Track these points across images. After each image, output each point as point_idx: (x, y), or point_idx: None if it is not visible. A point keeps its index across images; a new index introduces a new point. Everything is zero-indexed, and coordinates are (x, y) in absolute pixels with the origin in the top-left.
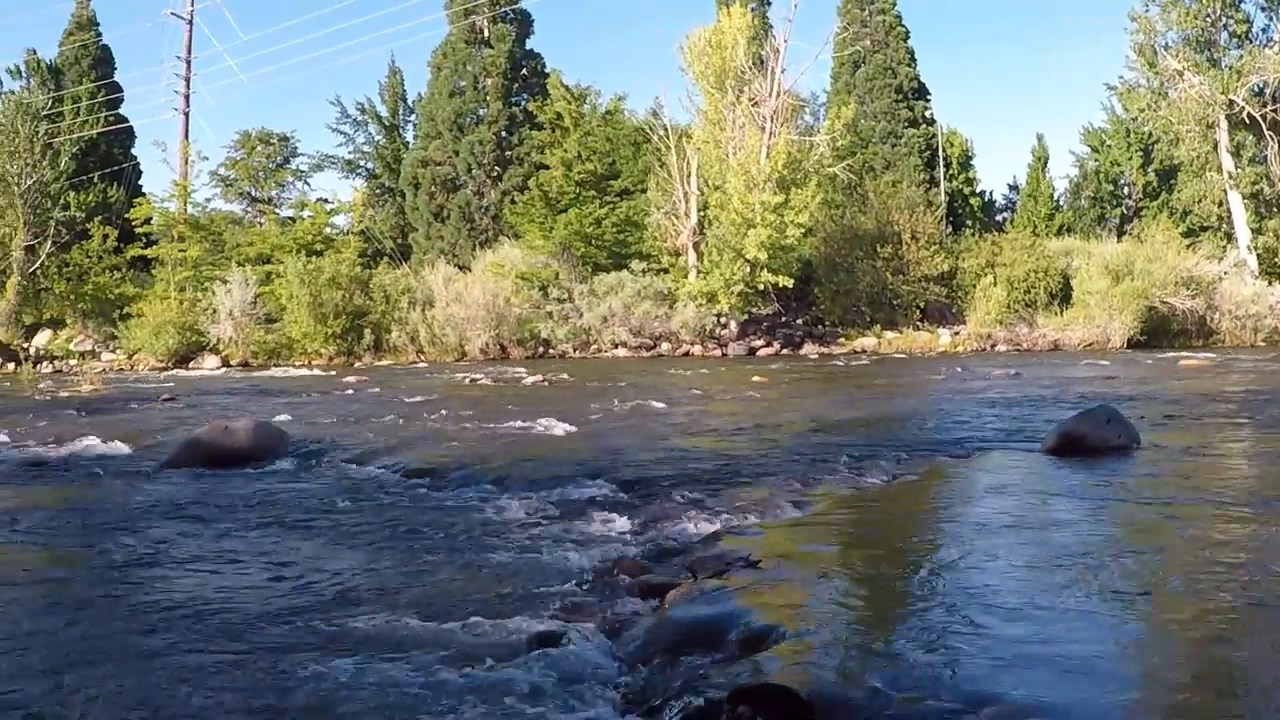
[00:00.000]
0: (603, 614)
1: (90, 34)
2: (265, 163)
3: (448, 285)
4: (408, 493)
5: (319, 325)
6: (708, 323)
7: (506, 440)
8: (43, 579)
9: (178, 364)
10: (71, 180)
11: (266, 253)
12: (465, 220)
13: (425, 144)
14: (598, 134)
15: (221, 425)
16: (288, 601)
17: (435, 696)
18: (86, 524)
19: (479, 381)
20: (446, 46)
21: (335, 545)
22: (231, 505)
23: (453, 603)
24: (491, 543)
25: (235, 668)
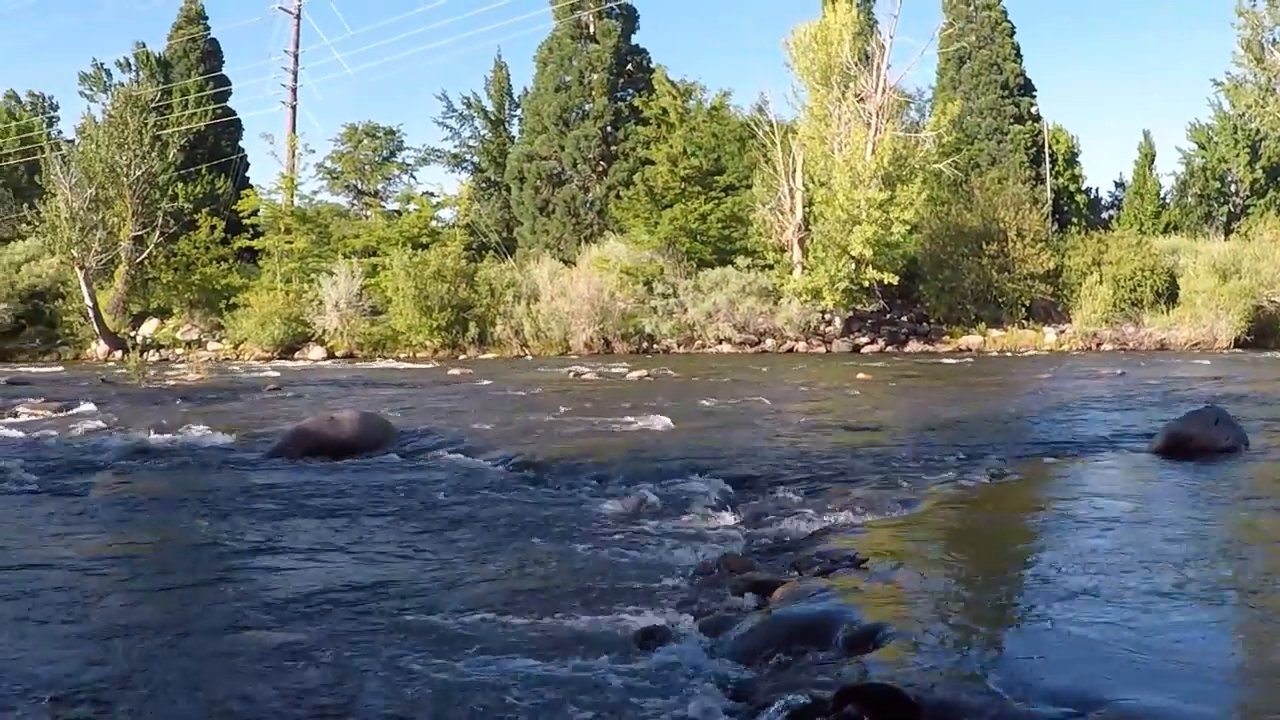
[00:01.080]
0: (709, 610)
1: (199, 28)
2: (371, 156)
3: (553, 279)
4: (513, 486)
5: (424, 318)
6: (812, 319)
7: (611, 435)
8: (147, 565)
9: (283, 354)
10: (180, 172)
11: (372, 245)
12: (570, 215)
13: (531, 139)
14: (703, 129)
15: (327, 416)
16: (391, 593)
17: (541, 690)
18: (191, 511)
19: (583, 376)
20: (552, 41)
21: (440, 537)
22: (336, 495)
23: (558, 597)
24: (597, 537)
25: (337, 658)
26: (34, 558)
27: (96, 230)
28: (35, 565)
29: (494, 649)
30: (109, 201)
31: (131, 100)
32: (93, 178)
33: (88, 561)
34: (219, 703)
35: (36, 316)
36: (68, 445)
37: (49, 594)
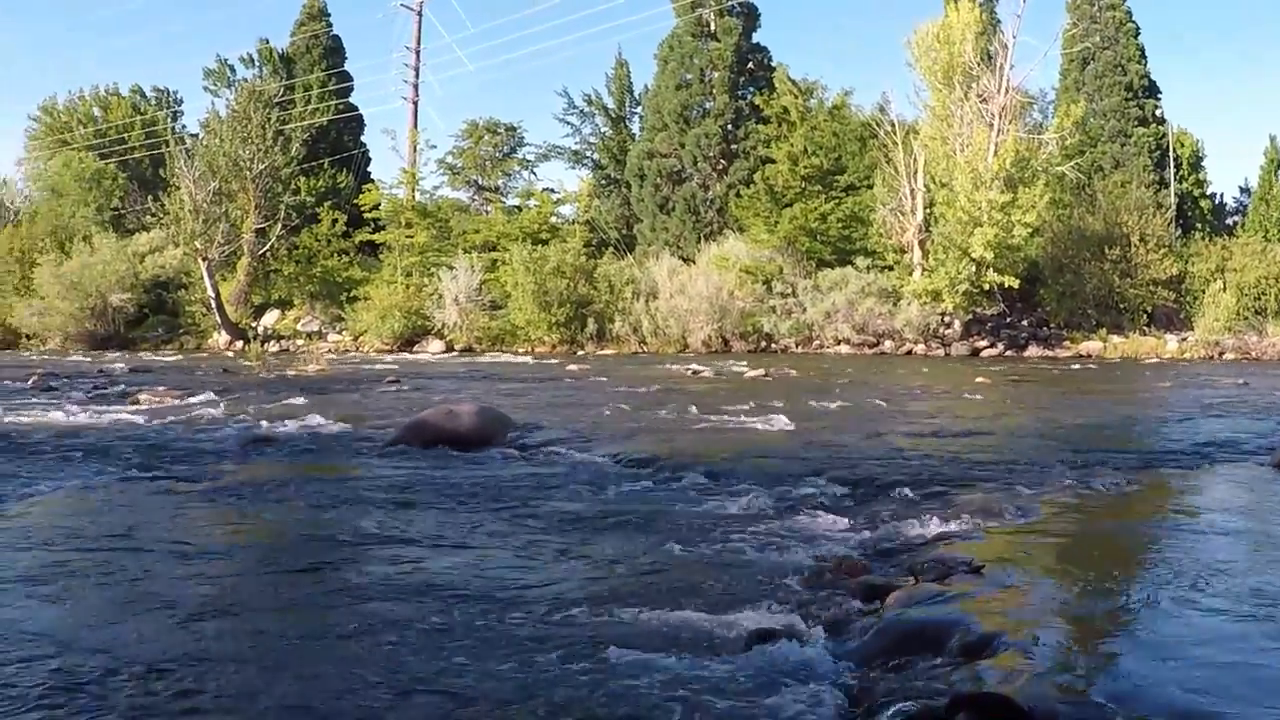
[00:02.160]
0: (823, 613)
1: (321, 24)
2: (492, 152)
3: (672, 277)
4: (628, 483)
5: (543, 313)
6: (931, 321)
7: (727, 434)
8: (261, 551)
9: (402, 347)
10: (302, 166)
11: (492, 240)
12: (690, 212)
13: (651, 136)
14: (824, 129)
15: (445, 409)
16: (504, 587)
17: (653, 687)
18: (308, 500)
19: (701, 374)
20: (673, 39)
21: (553, 532)
22: (453, 488)
23: (672, 594)
24: (712, 536)
25: (447, 651)
26: (151, 541)
27: (219, 223)
28: (152, 549)
29: (606, 645)
30: (232, 195)
31: (255, 96)
32: (216, 171)
33: (203, 546)
34: (332, 692)
35: (160, 306)
36: (188, 432)
37: (164, 577)
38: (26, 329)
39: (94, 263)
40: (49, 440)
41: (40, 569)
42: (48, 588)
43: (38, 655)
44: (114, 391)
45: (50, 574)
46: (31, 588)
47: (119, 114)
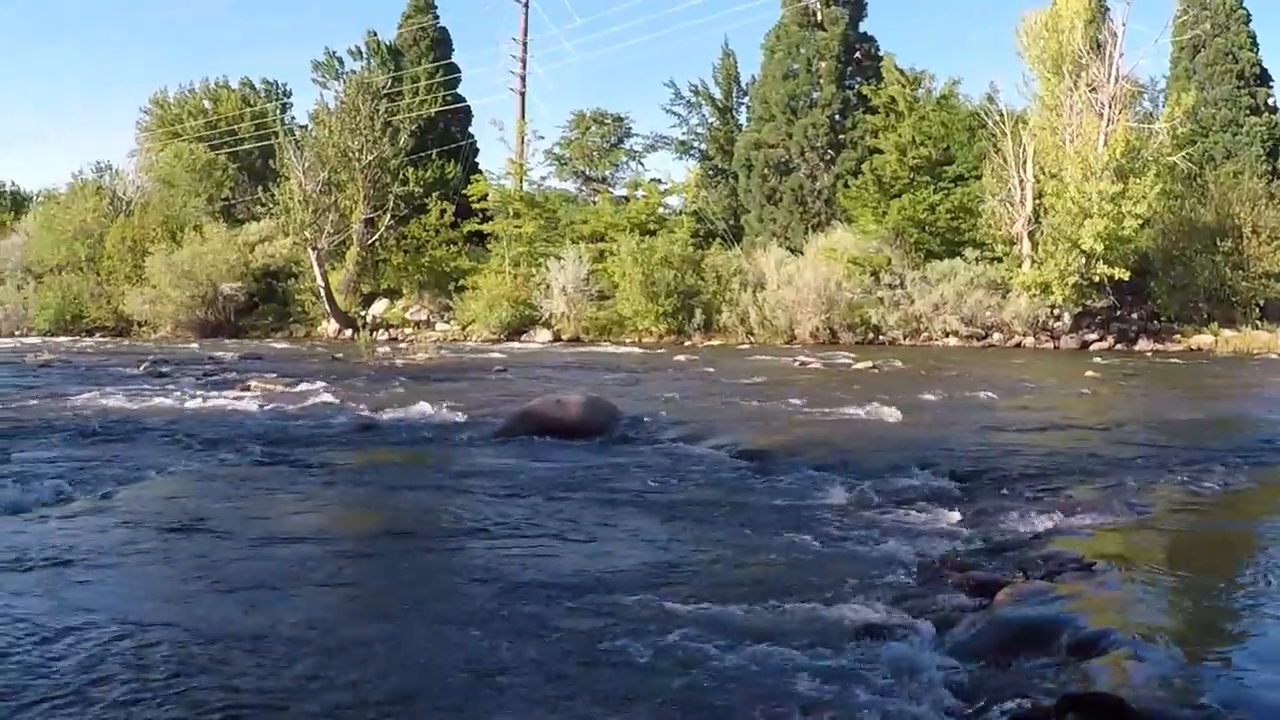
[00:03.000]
0: (930, 608)
1: (428, 16)
2: (599, 142)
3: (779, 268)
4: (735, 474)
5: (650, 303)
6: (1040, 314)
7: (835, 426)
8: (368, 538)
9: (509, 336)
10: (410, 157)
11: (600, 231)
12: (798, 203)
13: (759, 126)
14: (932, 119)
15: (553, 399)
16: (610, 576)
17: (761, 678)
18: (415, 487)
19: (808, 365)
20: (780, 29)
21: (660, 523)
22: (559, 478)
23: (778, 587)
24: (818, 529)
25: (549, 640)
26: (259, 526)
27: (329, 213)
28: (259, 533)
29: (712, 636)
30: (341, 185)
31: (363, 87)
32: (325, 162)
33: (310, 532)
34: (436, 678)
35: (270, 295)
36: (298, 419)
37: (270, 560)
38: (138, 317)
39: (205, 252)
40: (160, 426)
41: (149, 552)
42: (157, 571)
43: (145, 635)
44: (224, 378)
45: (159, 557)
46: (141, 570)
47: (229, 106)
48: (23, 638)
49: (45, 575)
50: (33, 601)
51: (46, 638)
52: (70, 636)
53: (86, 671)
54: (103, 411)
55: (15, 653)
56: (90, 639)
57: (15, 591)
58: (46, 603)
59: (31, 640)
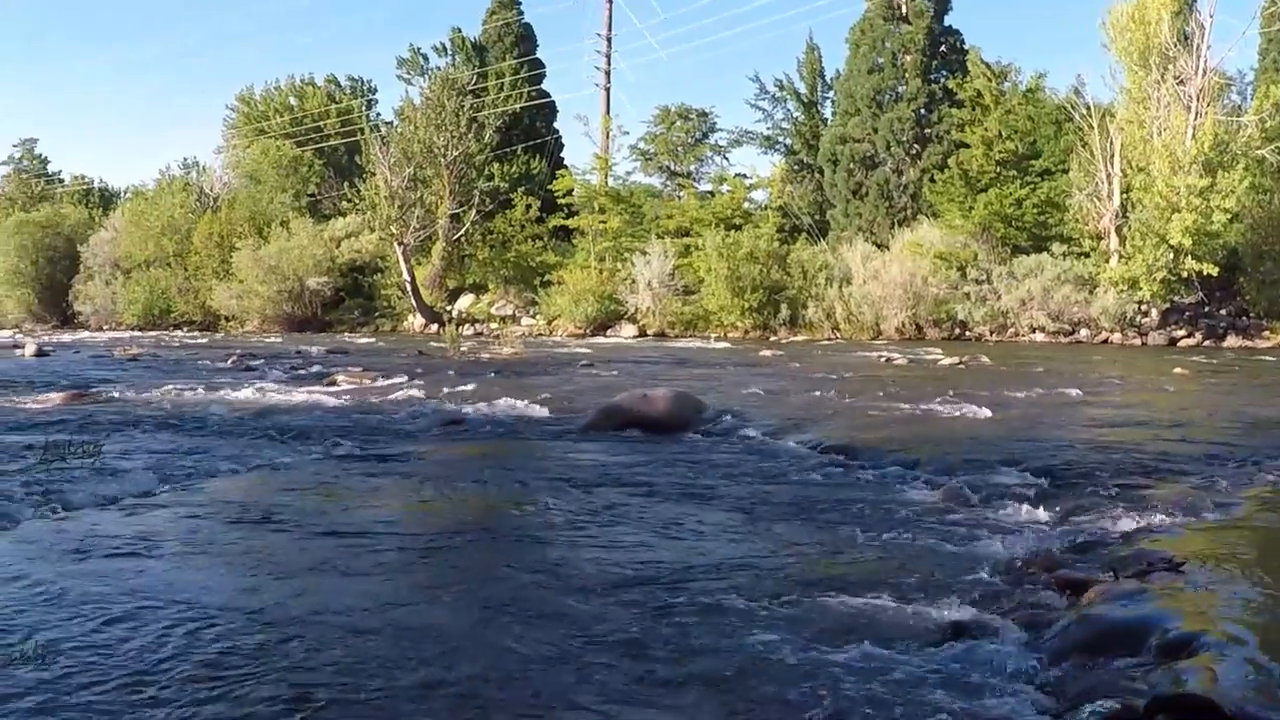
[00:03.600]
0: (1018, 607)
1: (512, 12)
2: (684, 137)
3: (865, 263)
4: (821, 469)
5: (736, 298)
6: (1128, 310)
7: (922, 421)
8: (455, 531)
9: (595, 331)
10: (496, 152)
11: (685, 226)
12: (883, 198)
13: (844, 121)
14: (1018, 112)
15: (640, 393)
16: (693, 572)
17: (848, 676)
18: (502, 481)
19: (894, 361)
20: (864, 23)
21: (746, 518)
22: (646, 472)
23: (863, 584)
24: (905, 525)
25: (637, 634)
26: (344, 519)
27: (415, 208)
28: (345, 527)
29: (798, 633)
30: (427, 181)
31: (448, 83)
32: (411, 158)
33: (395, 526)
34: (517, 673)
35: (356, 289)
36: (384, 413)
37: (355, 554)
38: (226, 311)
39: (291, 247)
40: (247, 419)
41: (231, 543)
42: (238, 561)
43: (221, 622)
44: (311, 372)
45: (241, 548)
46: (222, 560)
47: (314, 103)
48: (100, 624)
49: (126, 564)
50: (110, 589)
51: (123, 624)
52: (148, 623)
53: (162, 658)
54: (190, 405)
55: (90, 638)
56: (168, 626)
57: (95, 579)
58: (125, 591)
59: (106, 625)
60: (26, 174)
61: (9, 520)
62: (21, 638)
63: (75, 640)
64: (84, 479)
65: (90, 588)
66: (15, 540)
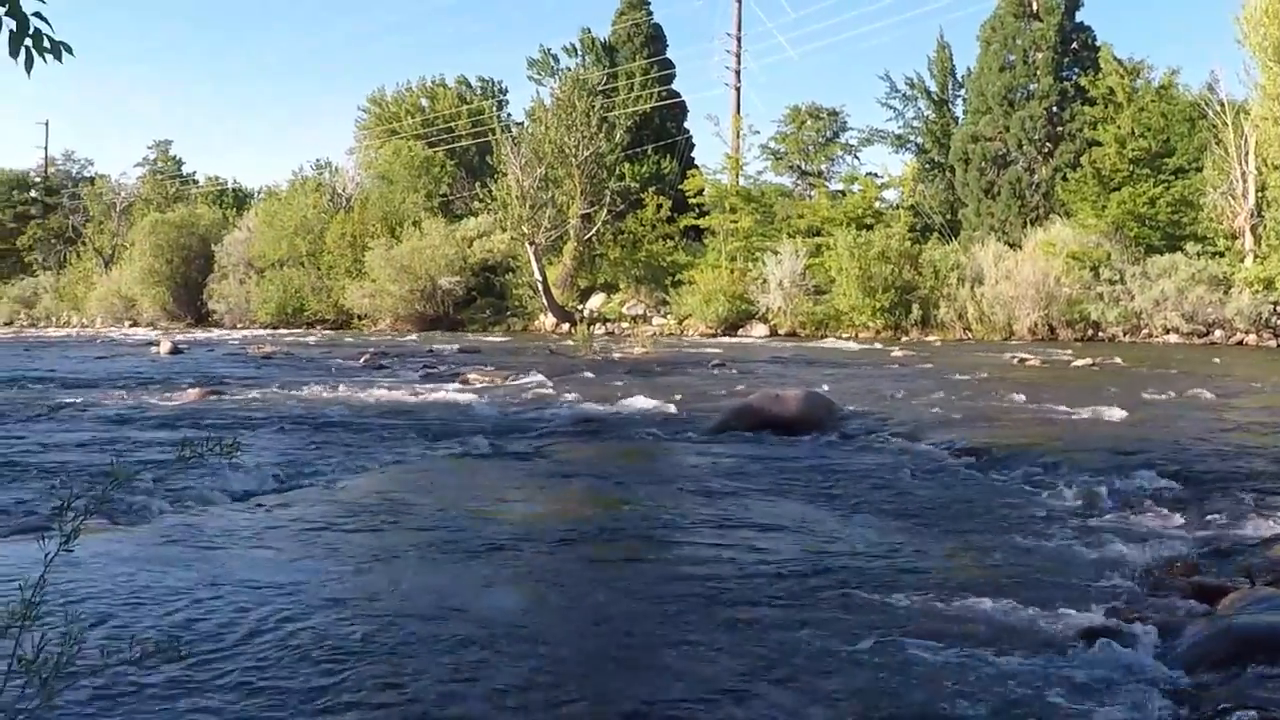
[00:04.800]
0: (1153, 613)
1: (641, 13)
2: (815, 137)
3: (997, 263)
4: (953, 471)
5: (867, 298)
6: (1264, 311)
7: (1055, 423)
8: (583, 529)
9: (726, 331)
10: (626, 152)
11: (816, 225)
12: (1015, 197)
13: (975, 119)
14: (1151, 109)
15: (772, 393)
16: (828, 574)
17: (980, 680)
18: (632, 481)
19: (1027, 362)
20: (995, 20)
21: (878, 520)
22: (778, 473)
23: (997, 587)
24: (1037, 528)
25: (764, 633)
26: (477, 517)
27: (546, 208)
28: (478, 524)
29: (931, 635)
30: (558, 181)
31: (579, 84)
32: (542, 158)
33: (526, 523)
34: (641, 666)
35: (487, 289)
36: (517, 412)
37: (487, 551)
38: (358, 310)
39: (423, 247)
40: (379, 417)
41: (365, 541)
42: (367, 557)
43: (357, 620)
44: (443, 371)
45: (375, 546)
46: (356, 558)
47: (445, 104)
48: (231, 617)
49: (257, 559)
50: (241, 584)
51: (253, 617)
52: (276, 616)
53: (288, 650)
54: (323, 403)
55: (220, 630)
56: (296, 619)
57: (226, 574)
58: (255, 585)
59: (236, 618)
60: (162, 175)
61: (146, 515)
62: (157, 630)
63: (205, 631)
64: (219, 475)
65: (221, 582)
66: (151, 534)
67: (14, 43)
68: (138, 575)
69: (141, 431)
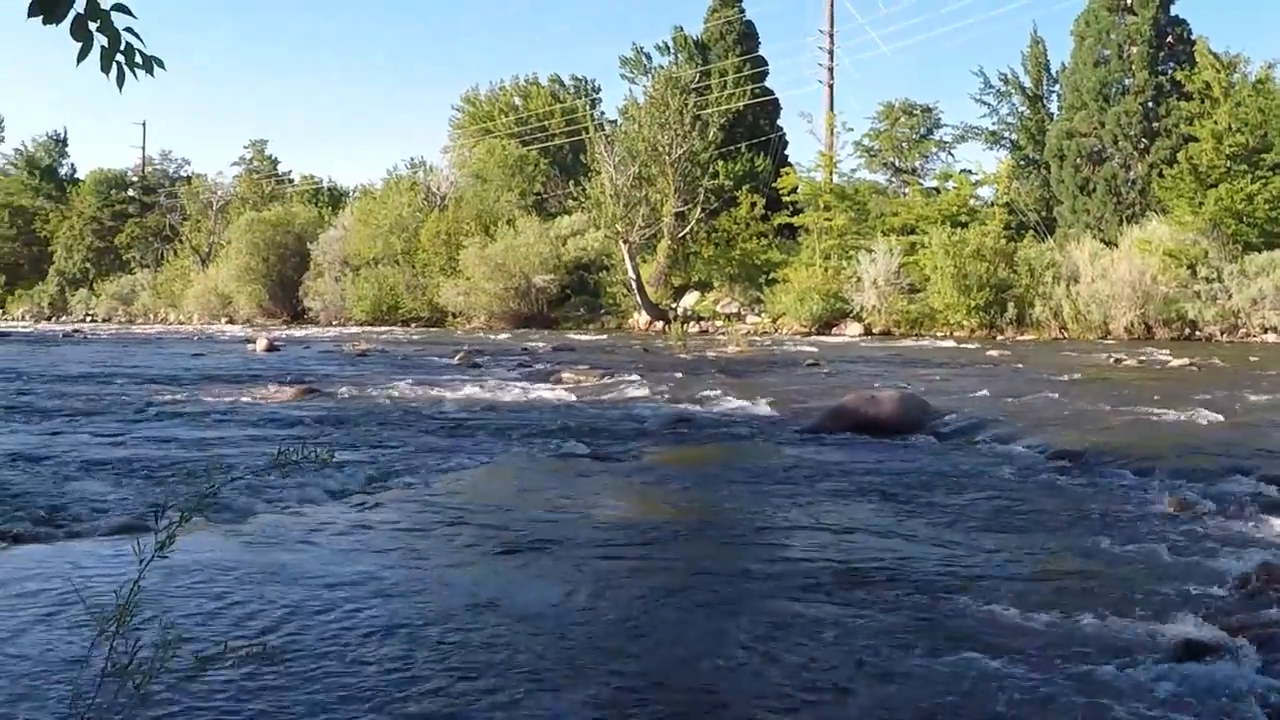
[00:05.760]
0: (1253, 625)
1: (734, 10)
2: (909, 134)
3: (1093, 261)
4: (1048, 475)
5: (962, 297)
6: None
7: (1152, 425)
8: (677, 530)
9: (820, 329)
10: (720, 150)
11: (910, 223)
12: (1111, 194)
13: (1070, 115)
14: (1249, 104)
15: (867, 394)
16: (918, 580)
17: (1066, 697)
18: (727, 481)
19: (1123, 362)
20: (1088, 14)
21: (972, 524)
22: (872, 475)
23: (1090, 596)
24: (1134, 535)
25: (852, 639)
26: (571, 517)
27: (640, 206)
28: (571, 524)
29: (1023, 647)
30: (652, 179)
31: (671, 82)
32: (635, 156)
33: (619, 524)
34: (730, 672)
35: (581, 287)
36: (611, 411)
37: (581, 551)
38: (452, 308)
39: (518, 245)
40: (473, 416)
41: (458, 541)
42: (465, 559)
43: (449, 620)
44: (537, 370)
45: (468, 546)
46: (448, 558)
47: (539, 103)
48: (324, 618)
49: (351, 558)
50: (334, 583)
51: (345, 617)
52: (368, 617)
53: (381, 652)
54: (419, 400)
55: (314, 631)
56: (388, 620)
57: (319, 573)
58: (349, 584)
59: (328, 619)
60: (257, 174)
61: (243, 513)
62: (249, 631)
63: (295, 634)
64: (314, 474)
65: (313, 583)
66: (245, 534)
67: (105, 59)
68: (230, 575)
69: (239, 429)
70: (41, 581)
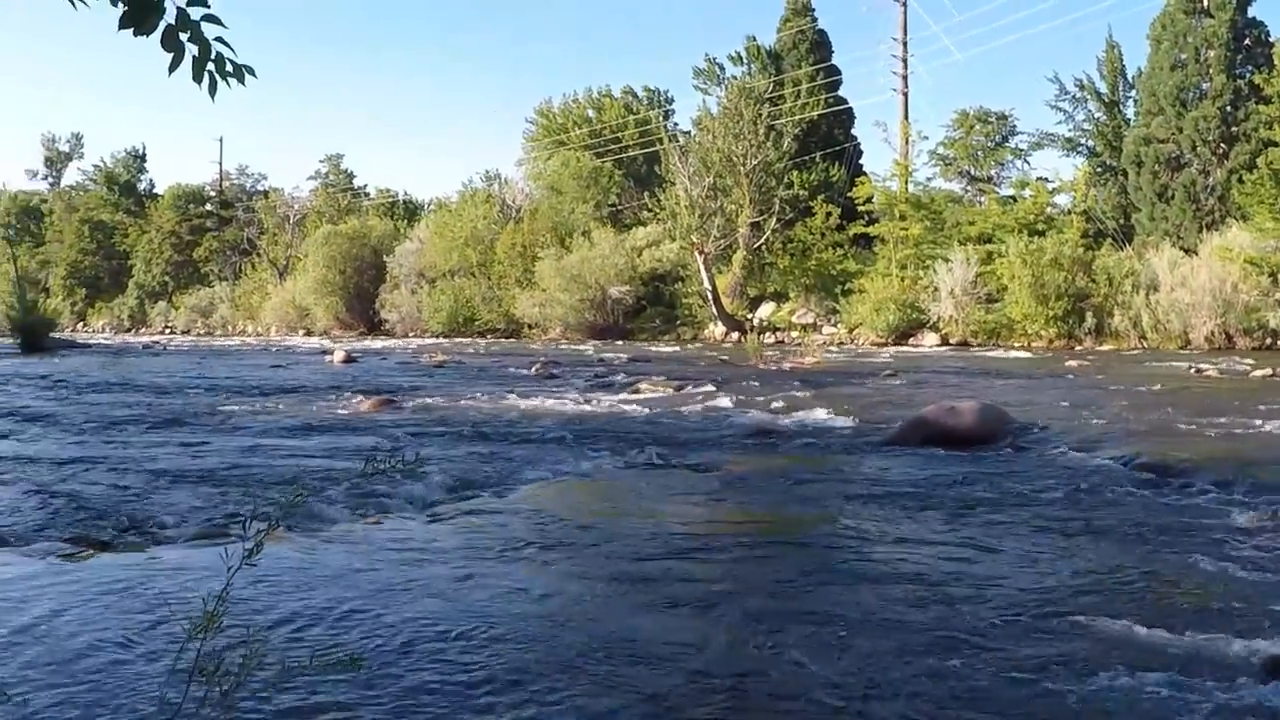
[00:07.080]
0: None
1: (806, 19)
2: (984, 141)
3: (1172, 269)
4: (1131, 488)
5: (1040, 307)
6: None
7: (1236, 437)
8: (761, 544)
9: (896, 340)
10: (794, 160)
11: (987, 232)
12: (1190, 200)
13: (1147, 120)
14: None
15: (947, 405)
16: (997, 594)
17: (1150, 712)
18: (806, 493)
19: (1204, 372)
20: (1164, 17)
21: (1053, 538)
22: (952, 487)
23: (1174, 613)
24: (1219, 550)
25: (924, 653)
26: (652, 529)
27: (715, 217)
28: (652, 536)
29: (1104, 663)
30: (726, 190)
31: (745, 92)
32: (710, 167)
33: (696, 536)
34: (802, 686)
35: (657, 298)
36: (689, 422)
37: (662, 563)
38: (528, 319)
39: (593, 256)
40: (553, 426)
41: (537, 553)
42: (545, 573)
43: (535, 632)
44: (614, 381)
45: (547, 559)
46: (528, 571)
47: (612, 114)
48: (404, 629)
49: (430, 569)
50: (414, 594)
51: (424, 628)
52: (446, 629)
53: (459, 664)
54: (496, 412)
55: (393, 643)
56: (467, 633)
57: (399, 583)
58: (426, 595)
59: (409, 629)
60: (334, 188)
61: (326, 522)
62: (334, 639)
63: (379, 643)
64: (395, 485)
65: (396, 592)
66: (329, 543)
67: (197, 68)
68: (314, 584)
69: (319, 439)
70: (127, 588)
